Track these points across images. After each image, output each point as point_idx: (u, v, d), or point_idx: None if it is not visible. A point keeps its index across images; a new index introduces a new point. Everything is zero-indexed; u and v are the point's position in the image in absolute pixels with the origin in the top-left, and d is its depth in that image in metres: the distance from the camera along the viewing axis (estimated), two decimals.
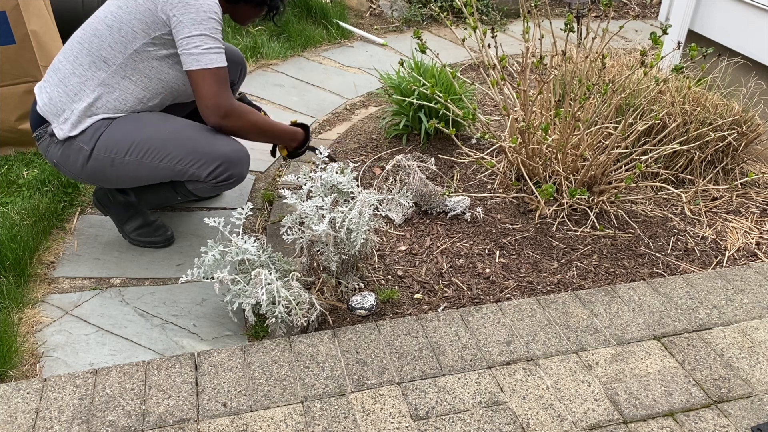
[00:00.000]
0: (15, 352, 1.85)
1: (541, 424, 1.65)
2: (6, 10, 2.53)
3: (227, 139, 2.06)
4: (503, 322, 1.96)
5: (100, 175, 2.05)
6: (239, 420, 1.64)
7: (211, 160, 2.00)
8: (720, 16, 3.29)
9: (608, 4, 2.30)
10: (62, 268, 2.22)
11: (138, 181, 2.09)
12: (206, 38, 1.88)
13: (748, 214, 2.58)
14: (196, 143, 2.00)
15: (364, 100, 3.50)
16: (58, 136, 1.97)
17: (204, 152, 1.99)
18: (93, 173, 2.04)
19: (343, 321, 2.01)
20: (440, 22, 4.52)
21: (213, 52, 1.89)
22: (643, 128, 2.43)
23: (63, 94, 1.97)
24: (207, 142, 2.01)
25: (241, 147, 2.08)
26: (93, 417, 1.63)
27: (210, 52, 1.88)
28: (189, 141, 2.00)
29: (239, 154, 2.05)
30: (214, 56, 1.89)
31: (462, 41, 2.41)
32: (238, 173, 2.06)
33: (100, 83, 1.95)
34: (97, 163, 1.99)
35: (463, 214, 2.48)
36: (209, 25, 1.88)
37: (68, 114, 1.96)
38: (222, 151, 2.01)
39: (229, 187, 2.14)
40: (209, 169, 2.01)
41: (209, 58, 1.88)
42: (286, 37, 4.07)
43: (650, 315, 2.01)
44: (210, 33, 1.88)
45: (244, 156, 2.08)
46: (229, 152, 2.02)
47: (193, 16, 1.86)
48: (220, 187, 2.11)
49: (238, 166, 2.05)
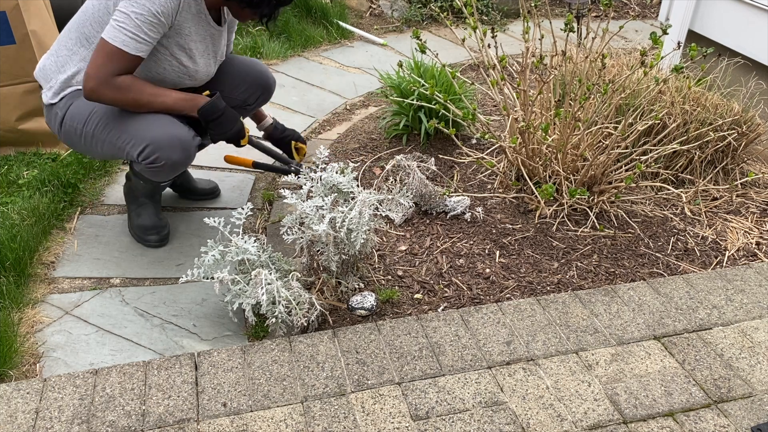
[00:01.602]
0: (15, 352, 1.85)
1: (541, 424, 1.65)
2: (6, 10, 2.53)
3: (170, 123, 2.01)
4: (503, 322, 1.96)
5: (73, 143, 2.15)
6: (239, 420, 1.64)
7: (141, 140, 2.00)
8: (720, 16, 3.29)
9: (608, 4, 2.30)
10: (62, 268, 2.22)
11: (99, 154, 2.14)
12: (128, 18, 1.86)
13: (748, 214, 2.58)
14: (136, 123, 2.01)
15: (364, 100, 3.50)
16: (44, 101, 2.12)
17: (137, 132, 2.00)
18: (67, 140, 2.15)
19: (343, 321, 2.01)
20: (440, 22, 4.52)
21: (125, 33, 1.86)
22: (643, 128, 2.43)
23: (53, 64, 2.08)
24: (146, 123, 2.00)
25: (177, 132, 2.01)
26: (93, 417, 1.63)
27: (121, 30, 1.86)
28: (132, 120, 2.01)
29: (171, 140, 2.00)
30: (124, 37, 1.86)
31: (462, 41, 2.41)
32: (166, 157, 2.01)
33: (82, 59, 2.04)
34: (66, 131, 2.10)
35: (463, 214, 2.48)
36: (138, 10, 1.85)
37: (53, 83, 2.08)
38: (153, 134, 1.99)
39: (163, 172, 2.08)
40: (139, 149, 2.01)
41: (116, 34, 1.87)
42: (286, 37, 4.07)
43: (650, 315, 2.01)
44: (134, 17, 1.85)
45: (177, 142, 2.01)
46: (159, 135, 1.99)
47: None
48: (154, 172, 2.07)
49: (166, 150, 2.00)
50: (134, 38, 1.88)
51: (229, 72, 2.35)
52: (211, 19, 2.11)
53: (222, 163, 2.54)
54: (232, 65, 2.38)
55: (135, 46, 1.89)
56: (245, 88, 2.37)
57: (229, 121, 2.10)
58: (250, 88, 2.38)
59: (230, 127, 2.12)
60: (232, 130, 2.13)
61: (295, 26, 4.15)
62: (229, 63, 2.38)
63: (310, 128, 3.17)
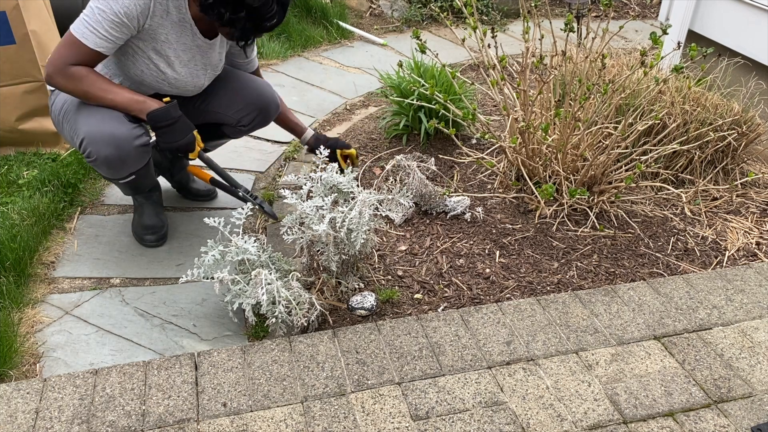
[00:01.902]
0: (15, 352, 1.85)
1: (541, 424, 1.65)
2: (6, 10, 2.53)
3: (111, 119, 2.00)
4: (503, 322, 1.96)
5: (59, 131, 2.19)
6: (239, 420, 1.64)
7: (80, 133, 2.02)
8: (720, 16, 3.29)
9: (608, 4, 2.30)
10: (62, 268, 2.22)
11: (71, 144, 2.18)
12: (91, 13, 1.89)
13: (748, 214, 2.58)
14: (82, 115, 2.02)
15: (364, 100, 3.50)
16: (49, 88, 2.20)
17: (78, 124, 2.03)
18: (56, 128, 2.19)
19: (343, 321, 2.01)
20: (440, 22, 4.52)
21: (86, 25, 1.90)
22: (643, 128, 2.43)
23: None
24: (89, 116, 2.01)
25: (113, 129, 1.99)
26: (93, 417, 1.63)
27: (84, 23, 1.90)
28: (80, 112, 2.04)
29: (104, 135, 1.99)
30: (85, 29, 1.90)
31: (462, 41, 2.41)
32: (97, 152, 2.01)
33: None
34: (52, 118, 2.17)
35: (463, 214, 2.48)
36: (102, 6, 1.88)
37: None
38: (89, 128, 2.00)
39: (100, 168, 2.07)
40: (77, 141, 2.04)
41: (79, 26, 1.91)
42: (286, 37, 4.07)
43: (650, 315, 2.01)
44: (97, 12, 1.88)
45: (109, 138, 1.99)
46: (94, 129, 2.00)
47: None
48: (95, 167, 2.08)
49: (98, 145, 2.00)
50: (93, 32, 1.90)
51: (229, 87, 2.30)
52: (197, 30, 2.08)
53: (223, 164, 2.53)
54: (235, 81, 2.32)
55: (94, 40, 1.91)
56: (242, 107, 2.29)
57: (180, 131, 2.05)
58: (246, 108, 2.30)
59: (180, 137, 2.05)
60: (181, 141, 2.05)
61: (295, 26, 4.15)
62: (233, 78, 2.32)
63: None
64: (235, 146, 2.83)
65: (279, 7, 1.98)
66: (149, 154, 2.11)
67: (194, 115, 2.27)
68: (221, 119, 2.32)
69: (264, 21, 1.98)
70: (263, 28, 2.01)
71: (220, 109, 2.30)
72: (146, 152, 2.09)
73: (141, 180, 2.19)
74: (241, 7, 1.92)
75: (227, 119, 2.31)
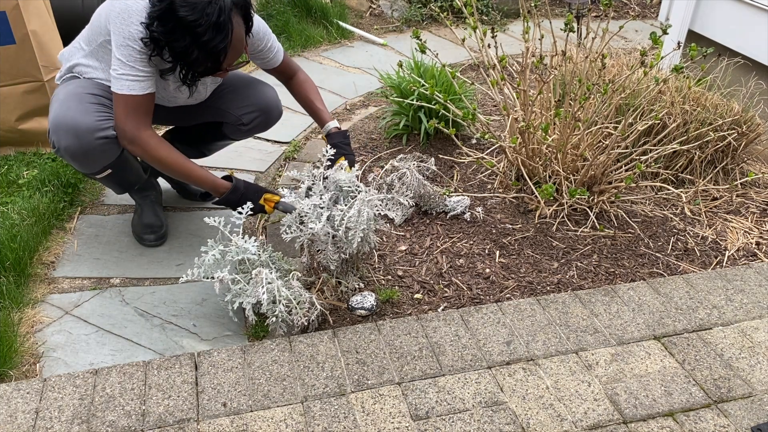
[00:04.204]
0: (15, 352, 1.85)
1: (541, 424, 1.65)
2: (6, 10, 2.53)
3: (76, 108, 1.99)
4: (503, 322, 1.96)
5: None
6: (239, 420, 1.64)
7: (49, 121, 2.03)
8: (720, 16, 3.29)
9: (608, 4, 2.30)
10: (62, 268, 2.22)
11: None
12: (121, 64, 1.89)
13: (748, 214, 2.58)
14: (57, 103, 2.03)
15: (364, 100, 3.50)
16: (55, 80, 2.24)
17: (51, 112, 2.04)
18: None
19: (343, 321, 2.01)
20: (440, 22, 4.52)
21: (124, 78, 1.90)
22: (643, 128, 2.43)
23: (67, 51, 2.19)
24: (62, 104, 2.01)
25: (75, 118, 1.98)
26: (93, 417, 1.63)
27: (122, 79, 1.91)
28: (58, 99, 2.04)
29: (66, 124, 1.98)
30: (125, 83, 1.91)
31: (462, 41, 2.41)
32: (58, 141, 2.01)
33: (84, 55, 2.11)
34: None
35: (463, 214, 2.48)
36: (125, 52, 1.88)
37: (62, 67, 2.20)
38: (53, 115, 2.00)
39: (65, 159, 2.07)
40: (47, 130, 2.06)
41: (120, 84, 1.91)
42: (286, 37, 4.07)
43: (650, 315, 2.01)
44: (125, 60, 1.88)
45: (70, 128, 1.98)
46: (57, 117, 1.99)
47: (117, 38, 1.88)
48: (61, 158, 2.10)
49: (57, 135, 2.00)
50: (136, 79, 1.91)
51: (235, 86, 2.31)
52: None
53: (223, 164, 2.54)
54: (242, 81, 2.33)
55: (137, 86, 1.92)
56: (245, 104, 2.29)
57: (251, 200, 2.05)
58: (248, 107, 2.29)
59: (253, 204, 2.08)
60: (255, 210, 2.07)
61: (295, 26, 4.15)
62: (240, 78, 2.33)
63: (310, 128, 3.17)
64: (236, 146, 2.82)
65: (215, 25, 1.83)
66: (117, 148, 2.04)
67: (196, 111, 2.27)
68: (222, 116, 2.32)
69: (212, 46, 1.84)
70: (216, 52, 1.85)
71: (222, 105, 2.29)
72: (111, 145, 2.02)
73: (121, 175, 2.18)
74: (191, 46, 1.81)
75: (228, 117, 2.30)
